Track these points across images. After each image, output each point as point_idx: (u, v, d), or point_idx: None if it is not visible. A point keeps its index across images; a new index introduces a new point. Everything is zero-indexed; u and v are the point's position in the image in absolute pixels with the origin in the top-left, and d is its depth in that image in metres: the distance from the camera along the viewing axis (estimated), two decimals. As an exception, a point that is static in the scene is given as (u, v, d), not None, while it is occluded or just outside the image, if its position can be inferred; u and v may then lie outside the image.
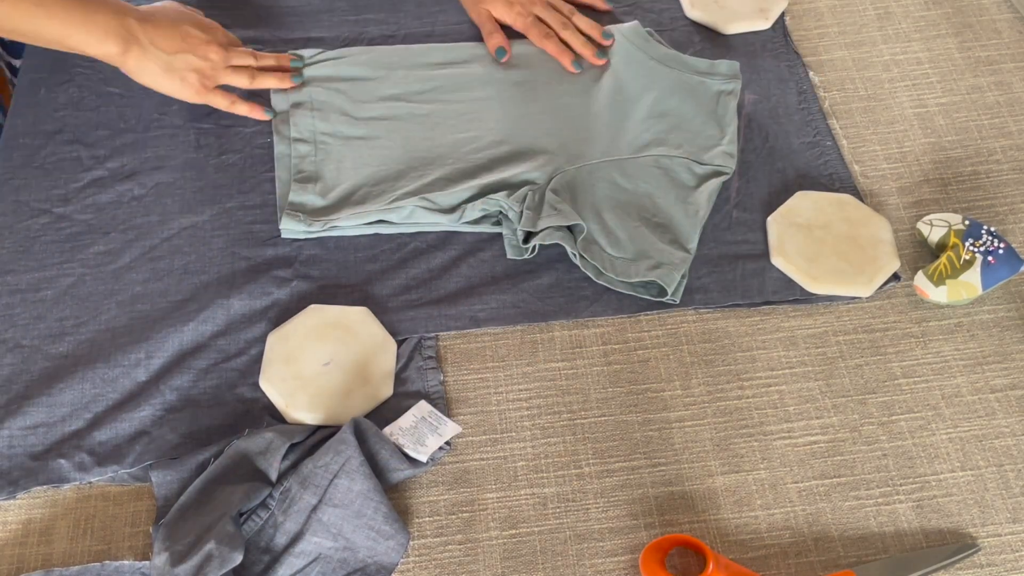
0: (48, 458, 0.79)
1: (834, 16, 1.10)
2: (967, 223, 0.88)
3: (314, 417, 0.80)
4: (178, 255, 0.91)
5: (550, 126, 0.98)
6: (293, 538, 0.74)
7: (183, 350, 0.85)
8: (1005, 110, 1.01)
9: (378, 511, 0.73)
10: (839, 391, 0.83)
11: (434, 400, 0.82)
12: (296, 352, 0.83)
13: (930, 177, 0.96)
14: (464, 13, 1.09)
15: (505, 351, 0.85)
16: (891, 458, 0.79)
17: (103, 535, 0.76)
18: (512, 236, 0.90)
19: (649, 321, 0.87)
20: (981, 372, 0.84)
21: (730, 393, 0.83)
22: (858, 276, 0.87)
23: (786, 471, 0.79)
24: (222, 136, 0.99)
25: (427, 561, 0.75)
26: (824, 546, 0.75)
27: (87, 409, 0.81)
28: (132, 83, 1.02)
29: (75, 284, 0.89)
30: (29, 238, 0.92)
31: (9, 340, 0.85)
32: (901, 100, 1.02)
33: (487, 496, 0.78)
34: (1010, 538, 0.75)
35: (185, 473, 0.77)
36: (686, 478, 0.78)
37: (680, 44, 1.06)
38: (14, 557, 0.75)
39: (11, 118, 1.00)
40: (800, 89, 1.02)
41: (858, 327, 0.86)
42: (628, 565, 0.74)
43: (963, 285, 0.85)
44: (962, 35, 1.07)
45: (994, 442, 0.80)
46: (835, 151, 0.97)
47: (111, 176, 0.96)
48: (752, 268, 0.89)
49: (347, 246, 0.91)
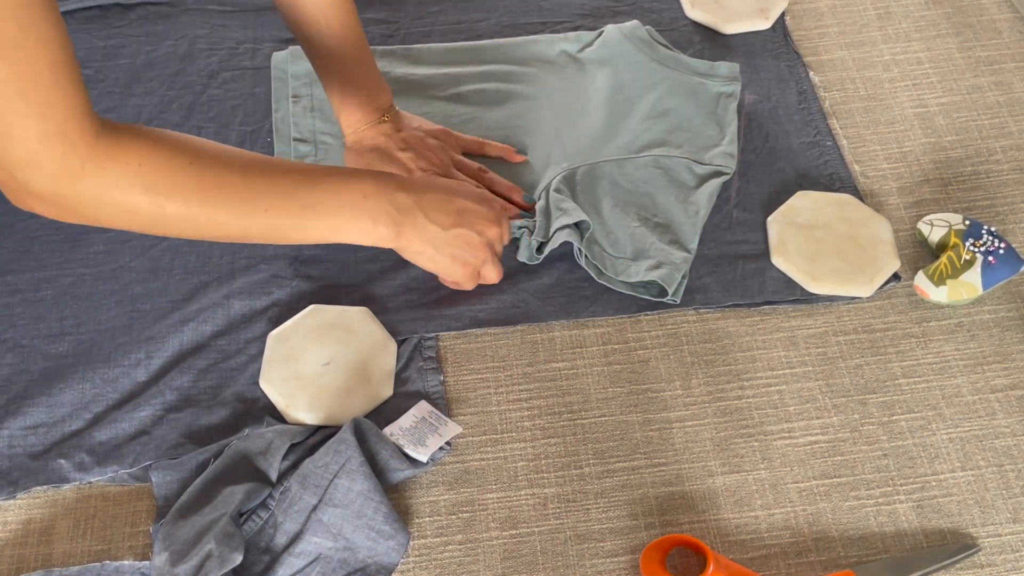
0: (48, 458, 0.79)
1: (834, 16, 1.10)
2: (967, 223, 0.88)
3: (314, 417, 0.80)
4: (178, 255, 0.91)
5: (549, 126, 0.98)
6: (293, 538, 0.73)
7: (183, 350, 0.85)
8: (1005, 110, 1.01)
9: (378, 511, 0.73)
10: (839, 391, 0.83)
11: (434, 400, 0.82)
12: (296, 352, 0.83)
13: (930, 177, 0.96)
14: (464, 13, 1.09)
15: (505, 351, 0.85)
16: (891, 458, 0.79)
17: (103, 535, 0.76)
18: (527, 245, 0.88)
19: (649, 321, 0.87)
20: (981, 372, 0.84)
21: (730, 393, 0.83)
22: (858, 276, 0.87)
23: (786, 471, 0.79)
24: (221, 135, 0.99)
25: (427, 561, 0.75)
26: (824, 546, 0.75)
27: (87, 409, 0.81)
28: (132, 83, 1.03)
29: (75, 284, 0.89)
30: (29, 238, 0.92)
31: (9, 340, 0.85)
32: (901, 100, 1.02)
33: (487, 496, 0.78)
34: (1010, 538, 0.75)
35: (185, 473, 0.77)
36: (686, 478, 0.78)
37: (680, 44, 1.06)
38: (14, 557, 0.75)
39: (11, 118, 1.00)
40: (800, 89, 1.02)
41: (858, 327, 0.86)
42: (628, 565, 0.74)
43: (963, 285, 0.85)
44: (962, 35, 1.07)
45: (994, 442, 0.80)
46: (835, 151, 0.97)
47: (111, 176, 0.96)
48: (752, 268, 0.89)
49: (347, 246, 0.90)
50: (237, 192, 0.72)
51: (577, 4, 1.10)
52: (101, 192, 0.67)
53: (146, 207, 0.69)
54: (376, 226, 0.78)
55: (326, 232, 0.77)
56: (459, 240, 0.82)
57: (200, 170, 0.70)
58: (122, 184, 0.67)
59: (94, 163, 0.66)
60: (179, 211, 0.70)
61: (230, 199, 0.72)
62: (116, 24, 1.08)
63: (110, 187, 0.67)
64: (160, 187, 0.69)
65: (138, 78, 1.03)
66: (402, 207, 0.78)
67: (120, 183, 0.67)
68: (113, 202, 0.68)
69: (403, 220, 0.79)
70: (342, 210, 0.76)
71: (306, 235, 0.77)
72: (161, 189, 0.69)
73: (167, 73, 1.04)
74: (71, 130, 0.64)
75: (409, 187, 0.80)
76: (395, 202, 0.78)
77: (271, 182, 0.74)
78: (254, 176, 0.73)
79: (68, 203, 0.67)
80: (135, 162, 0.67)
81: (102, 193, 0.67)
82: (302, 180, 0.75)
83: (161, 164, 0.68)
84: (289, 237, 0.77)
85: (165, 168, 0.69)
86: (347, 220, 0.77)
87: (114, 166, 0.67)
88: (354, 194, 0.77)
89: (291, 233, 0.76)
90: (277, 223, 0.74)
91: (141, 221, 0.70)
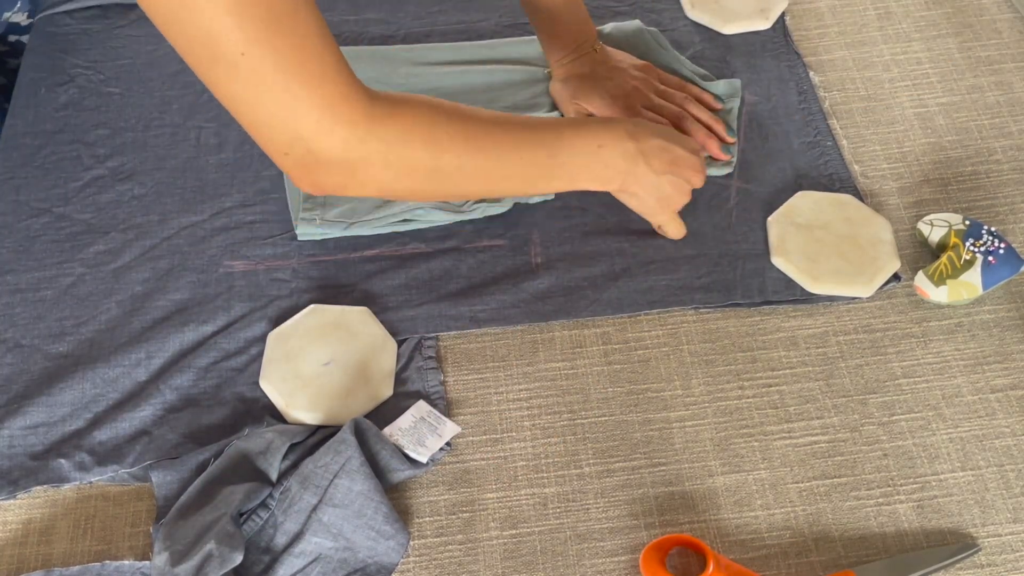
0: (48, 458, 0.79)
1: (834, 16, 1.10)
2: (967, 223, 0.88)
3: (314, 417, 0.80)
4: (178, 254, 0.91)
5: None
6: (293, 538, 0.73)
7: (183, 350, 0.85)
8: (1005, 110, 1.01)
9: (378, 511, 0.73)
10: (839, 391, 0.83)
11: (434, 400, 0.82)
12: (296, 352, 0.83)
13: (930, 177, 0.96)
14: (464, 13, 1.09)
15: (505, 351, 0.85)
16: (891, 458, 0.79)
17: (103, 535, 0.76)
18: None
19: (649, 321, 0.87)
20: (982, 372, 0.84)
21: (730, 393, 0.83)
22: (858, 276, 0.87)
23: (786, 471, 0.79)
24: (222, 134, 0.99)
25: (427, 561, 0.75)
26: (824, 546, 0.75)
27: (87, 409, 0.81)
28: (132, 83, 1.03)
29: (75, 284, 0.89)
30: (29, 237, 0.92)
31: (9, 340, 0.85)
32: (901, 100, 1.02)
33: (487, 496, 0.78)
34: (1010, 538, 0.75)
35: (185, 473, 0.77)
36: (686, 478, 0.78)
37: (680, 44, 1.06)
38: (14, 557, 0.75)
39: (11, 118, 1.00)
40: (800, 89, 1.02)
41: (858, 327, 0.86)
42: (628, 565, 0.74)
43: (963, 285, 0.85)
44: (962, 35, 1.07)
45: (994, 442, 0.80)
46: (835, 151, 0.97)
47: (111, 175, 0.96)
48: (752, 268, 0.89)
49: (347, 246, 0.91)
50: (500, 142, 0.76)
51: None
52: (386, 149, 0.70)
53: (425, 160, 0.72)
54: (607, 171, 0.82)
55: (566, 181, 0.81)
56: (668, 185, 0.85)
57: (464, 123, 0.74)
58: (405, 139, 0.71)
59: (377, 122, 0.69)
60: (453, 161, 0.74)
61: (495, 148, 0.76)
62: (116, 24, 1.08)
63: (394, 143, 0.70)
64: (436, 139, 0.73)
65: (138, 78, 1.03)
66: (629, 154, 0.82)
67: (403, 138, 0.70)
68: (397, 158, 0.71)
69: (628, 168, 0.82)
70: (578, 159, 0.80)
71: (550, 184, 0.82)
72: (437, 141, 0.72)
73: (167, 73, 1.04)
74: (351, 94, 0.67)
75: (636, 135, 0.82)
76: (624, 150, 0.81)
77: (524, 132, 0.78)
78: (509, 127, 0.77)
79: (359, 166, 0.70)
80: (410, 119, 0.71)
81: (387, 150, 0.70)
82: (545, 131, 0.79)
83: (432, 119, 0.73)
84: (536, 187, 0.82)
85: (437, 122, 0.73)
86: (583, 169, 0.81)
87: (395, 123, 0.70)
88: (589, 144, 0.80)
89: (538, 183, 0.81)
90: (529, 172, 0.79)
91: (419, 176, 0.73)
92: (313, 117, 0.66)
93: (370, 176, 0.71)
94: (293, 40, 0.63)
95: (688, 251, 0.90)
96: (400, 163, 0.71)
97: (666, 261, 0.90)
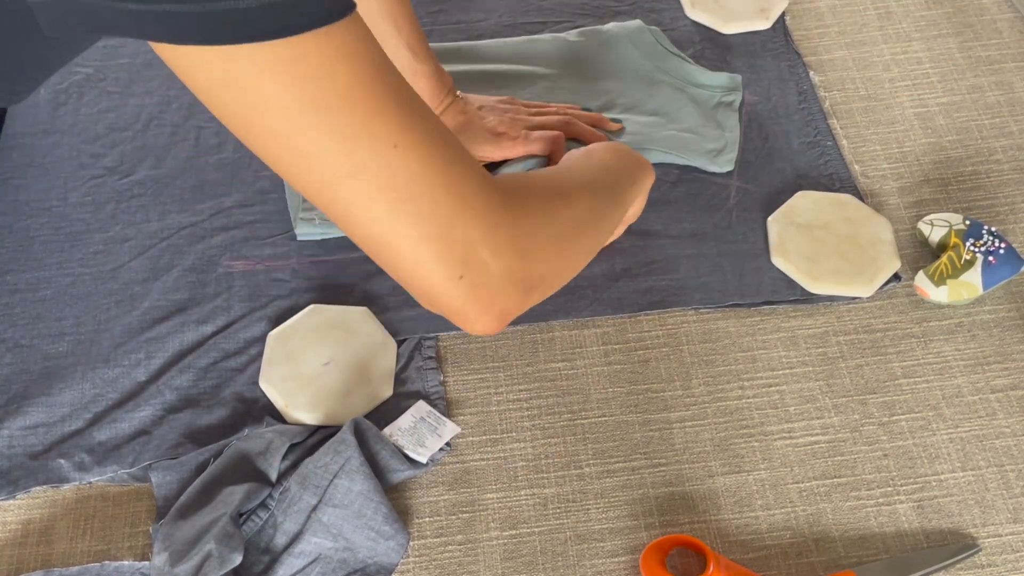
0: (48, 458, 0.79)
1: (834, 16, 1.10)
2: (968, 223, 0.88)
3: (314, 417, 0.80)
4: (178, 254, 0.91)
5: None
6: (293, 538, 0.73)
7: (183, 350, 0.85)
8: (1006, 110, 1.01)
9: (378, 511, 0.73)
10: (839, 391, 0.83)
11: (434, 400, 0.82)
12: (296, 352, 0.83)
13: (930, 177, 0.96)
14: (464, 13, 1.09)
15: (505, 351, 0.85)
16: (892, 458, 0.79)
17: (103, 535, 0.76)
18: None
19: (649, 321, 0.87)
20: (982, 372, 0.84)
21: (730, 393, 0.83)
22: (858, 276, 0.87)
23: (787, 471, 0.79)
24: (221, 134, 0.99)
25: (427, 561, 0.75)
26: (825, 546, 0.75)
27: (87, 409, 0.81)
28: (131, 82, 1.03)
29: (74, 283, 0.89)
30: (28, 237, 0.92)
31: (8, 340, 0.85)
32: (901, 100, 1.02)
33: (487, 496, 0.78)
34: (1011, 538, 0.75)
35: (185, 473, 0.77)
36: (686, 478, 0.78)
37: (680, 44, 1.06)
38: (14, 557, 0.75)
39: (11, 118, 1.00)
40: (800, 89, 1.02)
41: (858, 327, 0.86)
42: (628, 566, 0.74)
43: (964, 285, 0.85)
44: (963, 35, 1.07)
45: (995, 442, 0.80)
46: (835, 151, 0.97)
47: (110, 175, 0.96)
48: (752, 268, 0.89)
49: (347, 246, 0.90)
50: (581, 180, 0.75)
51: (577, 4, 1.10)
52: (530, 244, 0.63)
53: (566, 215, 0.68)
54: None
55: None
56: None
57: (543, 177, 0.73)
58: (539, 233, 0.65)
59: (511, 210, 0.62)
60: (581, 206, 0.71)
61: (590, 184, 0.75)
62: (116, 24, 1.08)
63: (534, 235, 0.64)
64: (560, 196, 0.69)
65: (138, 78, 1.03)
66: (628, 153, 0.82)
67: (536, 232, 0.64)
68: (541, 245, 0.65)
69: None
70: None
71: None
72: (565, 195, 0.69)
73: (167, 73, 1.04)
74: (491, 201, 0.60)
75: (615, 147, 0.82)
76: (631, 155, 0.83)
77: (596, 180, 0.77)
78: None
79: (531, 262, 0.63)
80: (524, 193, 0.66)
81: (531, 245, 0.63)
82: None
83: (528, 183, 0.69)
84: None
85: (537, 184, 0.69)
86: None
87: (529, 215, 0.64)
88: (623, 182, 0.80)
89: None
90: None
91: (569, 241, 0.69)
92: (477, 222, 0.58)
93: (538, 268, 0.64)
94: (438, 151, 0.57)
95: (688, 251, 0.90)
96: (546, 238, 0.66)
97: (666, 261, 0.90)
